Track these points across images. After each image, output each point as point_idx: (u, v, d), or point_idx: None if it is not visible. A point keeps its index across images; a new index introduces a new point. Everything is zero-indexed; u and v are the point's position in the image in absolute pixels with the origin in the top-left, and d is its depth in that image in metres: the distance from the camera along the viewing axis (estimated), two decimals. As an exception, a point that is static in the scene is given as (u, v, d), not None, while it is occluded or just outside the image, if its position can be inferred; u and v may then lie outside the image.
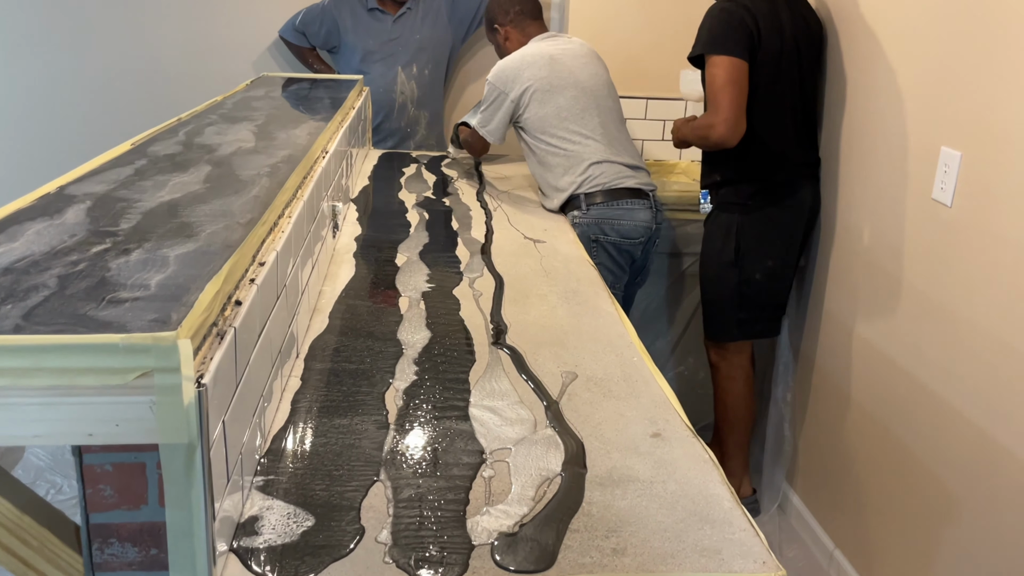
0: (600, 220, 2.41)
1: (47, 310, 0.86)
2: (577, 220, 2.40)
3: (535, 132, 2.49)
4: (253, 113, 2.07)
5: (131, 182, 1.36)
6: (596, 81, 2.54)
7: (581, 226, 2.39)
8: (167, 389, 0.82)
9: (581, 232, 2.37)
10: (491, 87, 2.53)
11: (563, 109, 2.47)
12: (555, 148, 2.47)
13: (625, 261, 2.48)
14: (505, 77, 2.52)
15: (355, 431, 1.23)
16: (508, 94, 2.50)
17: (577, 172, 2.44)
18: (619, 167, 2.45)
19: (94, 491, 0.87)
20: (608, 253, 2.44)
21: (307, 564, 0.96)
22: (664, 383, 1.44)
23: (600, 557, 1.00)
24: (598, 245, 2.41)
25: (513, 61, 2.53)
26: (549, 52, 2.52)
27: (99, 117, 3.29)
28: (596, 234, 2.41)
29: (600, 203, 2.41)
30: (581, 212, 2.41)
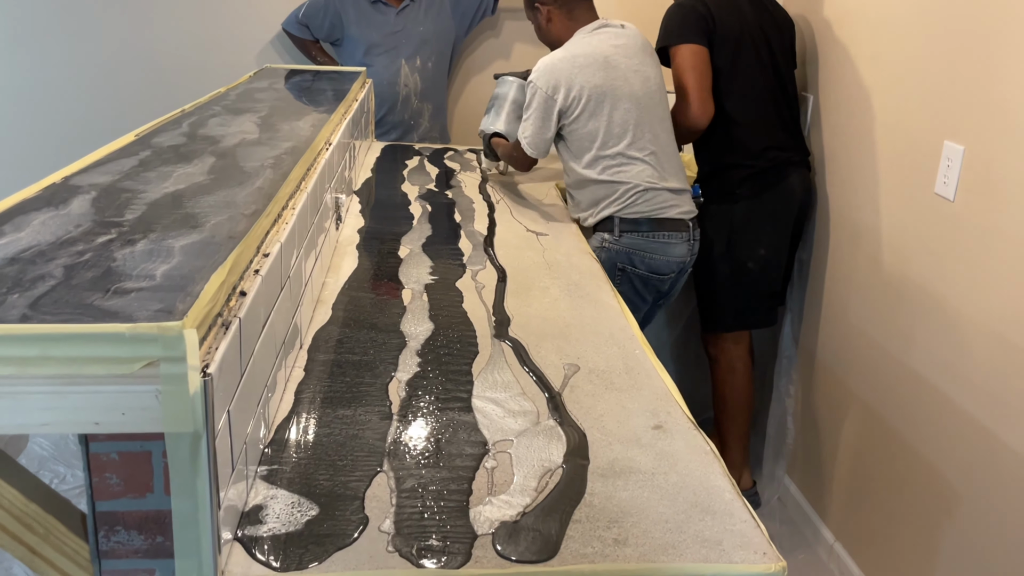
0: (631, 250, 2.21)
1: (53, 300, 0.87)
2: (605, 244, 2.22)
3: (577, 149, 2.23)
4: (256, 105, 2.08)
5: (136, 173, 1.37)
6: (651, 86, 2.25)
7: (608, 251, 2.21)
8: (173, 378, 0.82)
9: (607, 257, 2.20)
10: (535, 90, 2.19)
11: (615, 125, 2.19)
12: (596, 171, 2.21)
13: (650, 293, 2.29)
14: (554, 79, 2.18)
15: (358, 422, 1.24)
16: (556, 99, 2.17)
17: (617, 195, 2.20)
18: (664, 194, 2.21)
19: (100, 479, 0.87)
20: (632, 285, 2.25)
21: (311, 553, 0.97)
22: (666, 375, 1.44)
23: (602, 547, 1.01)
24: (623, 275, 2.24)
25: (563, 61, 2.19)
26: (604, 52, 2.20)
27: (103, 109, 3.29)
28: (624, 263, 2.22)
29: (635, 232, 2.20)
30: (612, 237, 2.21)
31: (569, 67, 2.17)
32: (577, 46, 2.22)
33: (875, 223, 2.19)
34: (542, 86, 2.18)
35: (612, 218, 2.20)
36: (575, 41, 2.23)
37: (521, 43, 3.49)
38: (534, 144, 2.23)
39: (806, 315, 2.57)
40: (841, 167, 2.37)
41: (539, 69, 2.20)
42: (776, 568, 1.00)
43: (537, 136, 2.22)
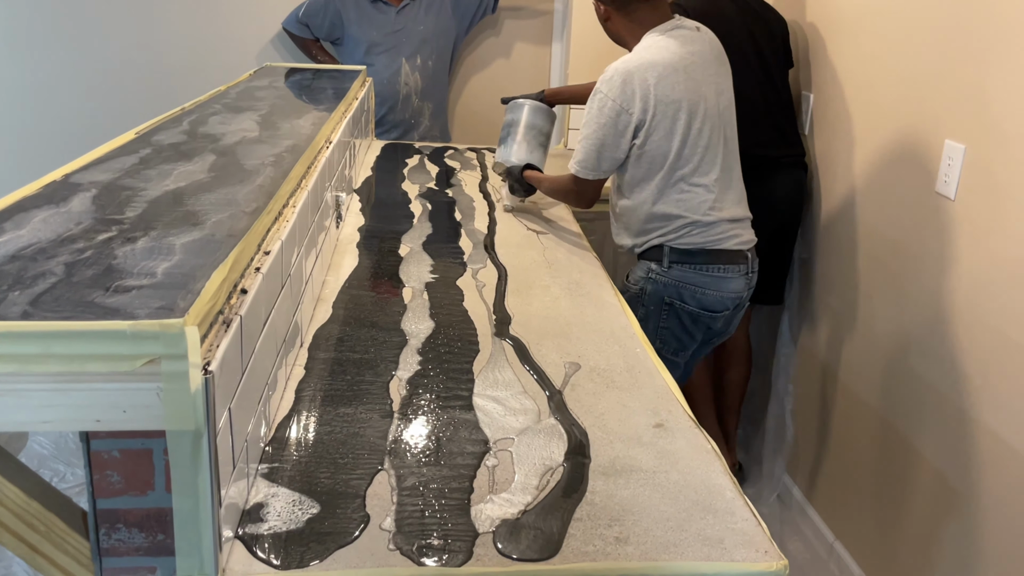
0: (681, 283, 1.97)
1: (54, 297, 0.87)
2: (652, 276, 1.98)
3: (637, 172, 1.95)
4: (257, 103, 2.07)
5: (136, 171, 1.36)
6: (723, 101, 2.00)
7: (655, 283, 1.98)
8: (174, 376, 0.82)
9: (652, 289, 1.98)
10: (604, 102, 1.89)
11: (687, 146, 1.92)
12: (654, 198, 1.96)
13: (699, 331, 2.04)
14: (629, 89, 1.87)
15: (359, 420, 1.24)
16: (632, 113, 1.88)
17: (672, 225, 1.96)
18: (722, 225, 1.97)
19: (101, 477, 0.87)
20: (680, 321, 2.00)
21: (312, 551, 0.97)
22: (667, 374, 1.44)
23: (603, 546, 1.01)
24: (670, 310, 1.99)
25: (639, 69, 1.88)
26: (682, 59, 1.91)
27: (103, 107, 3.29)
28: (672, 298, 1.98)
29: (686, 264, 1.95)
30: (660, 268, 1.97)
31: (646, 76, 1.87)
32: (653, 51, 1.90)
33: (876, 222, 2.19)
34: (615, 97, 1.88)
35: (662, 247, 1.97)
36: (649, 45, 1.93)
37: (522, 42, 3.49)
38: (597, 166, 1.94)
39: (805, 314, 2.57)
40: (842, 166, 2.36)
41: (610, 78, 1.89)
42: (778, 567, 1.00)
43: (603, 156, 1.92)
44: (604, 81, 1.90)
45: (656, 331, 1.99)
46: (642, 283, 2.01)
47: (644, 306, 2.00)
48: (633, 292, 2.02)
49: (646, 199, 1.96)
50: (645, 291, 1.99)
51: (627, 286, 2.05)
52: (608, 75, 1.90)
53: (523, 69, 3.51)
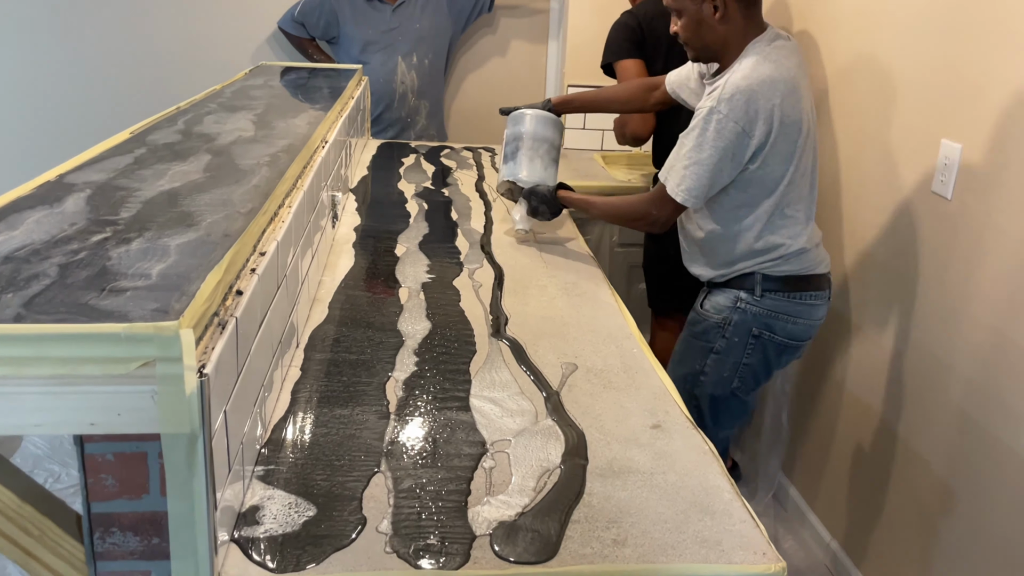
0: (773, 313, 1.84)
1: (48, 299, 0.86)
2: (741, 305, 1.84)
3: (741, 199, 1.78)
4: (252, 102, 2.06)
5: (131, 171, 1.36)
6: (815, 115, 1.87)
7: (744, 313, 1.84)
8: (169, 379, 0.82)
9: (740, 319, 1.84)
10: (723, 122, 1.68)
11: (797, 170, 1.77)
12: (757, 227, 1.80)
13: (779, 364, 1.93)
14: (753, 109, 1.68)
15: (356, 421, 1.23)
16: (753, 135, 1.69)
17: (770, 256, 1.82)
18: (816, 250, 1.87)
19: (96, 480, 0.87)
20: (765, 354, 1.88)
21: (309, 554, 0.96)
22: (664, 374, 1.44)
23: (601, 548, 1.00)
24: (757, 342, 1.86)
25: (762, 85, 1.68)
26: (794, 75, 1.74)
27: (97, 106, 3.28)
28: (761, 329, 1.85)
29: (779, 292, 1.83)
30: (751, 297, 1.84)
31: (771, 95, 1.69)
32: (769, 66, 1.71)
33: (872, 221, 2.19)
34: (738, 118, 1.68)
35: (754, 275, 1.83)
36: (761, 58, 1.72)
37: (518, 40, 3.48)
38: (698, 192, 1.74)
39: (803, 313, 2.57)
40: (837, 166, 2.36)
41: (730, 97, 1.68)
42: (776, 568, 0.99)
43: (709, 180, 1.73)
44: (723, 100, 1.68)
45: (736, 366, 1.87)
46: (727, 312, 1.85)
47: (725, 338, 1.85)
48: (712, 322, 1.87)
49: (748, 227, 1.80)
50: (729, 321, 1.84)
51: (702, 315, 1.91)
52: (728, 93, 1.68)
53: (519, 68, 3.50)
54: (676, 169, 1.76)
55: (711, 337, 1.88)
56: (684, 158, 1.74)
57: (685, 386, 1.90)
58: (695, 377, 1.92)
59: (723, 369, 1.87)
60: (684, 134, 1.76)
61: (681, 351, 1.97)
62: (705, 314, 1.90)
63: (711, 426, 1.94)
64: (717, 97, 1.69)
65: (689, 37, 1.77)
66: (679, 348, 1.98)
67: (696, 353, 1.91)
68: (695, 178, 1.73)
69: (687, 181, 1.74)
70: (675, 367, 1.96)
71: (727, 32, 1.74)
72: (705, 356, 1.89)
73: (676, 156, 1.77)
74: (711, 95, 1.73)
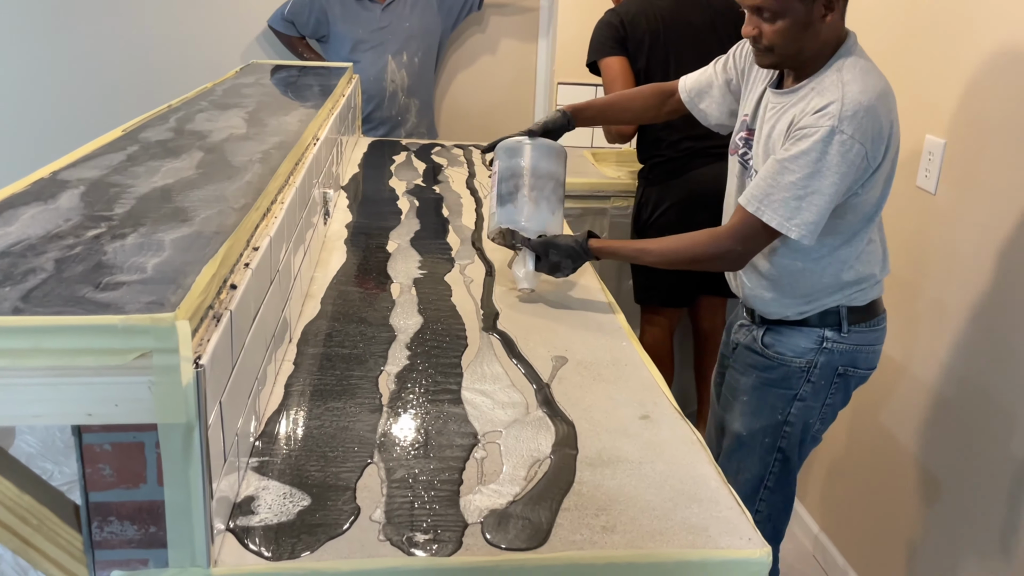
0: (858, 348, 1.66)
1: (45, 292, 0.88)
2: (828, 346, 1.64)
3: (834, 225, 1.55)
4: (244, 100, 2.08)
5: (124, 168, 1.37)
6: None
7: (830, 353, 1.64)
8: (166, 369, 0.83)
9: (825, 361, 1.65)
10: (849, 144, 1.44)
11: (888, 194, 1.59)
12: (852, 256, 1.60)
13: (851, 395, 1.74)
14: (876, 125, 1.46)
15: (349, 414, 1.25)
16: (875, 157, 1.49)
17: (857, 287, 1.63)
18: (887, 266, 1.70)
19: (93, 470, 0.88)
20: (846, 391, 1.70)
21: (303, 542, 0.98)
22: (652, 367, 1.46)
23: (590, 535, 1.02)
24: (842, 380, 1.67)
25: (879, 99, 1.47)
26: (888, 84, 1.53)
27: (87, 104, 3.28)
28: (846, 366, 1.66)
29: (863, 322, 1.65)
30: (838, 335, 1.64)
31: (887, 109, 1.49)
32: (877, 75, 1.52)
33: (858, 216, 2.21)
34: (862, 138, 1.45)
35: (838, 310, 1.63)
36: (869, 65, 1.53)
37: (508, 39, 3.50)
38: (817, 226, 1.49)
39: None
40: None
41: (852, 114, 1.44)
42: (761, 554, 1.02)
43: (826, 212, 1.49)
44: (846, 118, 1.44)
45: (820, 410, 1.69)
46: (811, 355, 1.65)
47: (811, 382, 1.66)
48: (794, 368, 1.66)
49: (839, 259, 1.59)
50: (815, 364, 1.65)
51: (776, 359, 1.68)
52: (849, 109, 1.44)
53: (509, 66, 3.52)
54: (784, 200, 1.48)
55: (793, 383, 1.67)
56: (796, 187, 1.47)
57: (764, 439, 1.71)
58: (777, 428, 1.70)
59: (810, 415, 1.68)
60: (786, 158, 1.48)
61: (754, 403, 1.71)
62: (781, 359, 1.67)
63: (796, 469, 1.76)
64: (836, 115, 1.44)
65: (784, 42, 1.50)
66: (749, 399, 1.72)
67: (776, 402, 1.69)
68: (815, 210, 1.47)
69: (804, 214, 1.47)
70: (749, 420, 1.71)
71: (827, 36, 1.51)
72: (788, 404, 1.68)
73: (777, 182, 1.48)
74: (821, 112, 1.46)
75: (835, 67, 1.51)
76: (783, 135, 1.53)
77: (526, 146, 1.77)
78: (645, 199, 2.60)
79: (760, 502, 1.76)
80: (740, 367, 1.75)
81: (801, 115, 1.50)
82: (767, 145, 1.58)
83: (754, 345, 1.72)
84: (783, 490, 1.75)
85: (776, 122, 1.56)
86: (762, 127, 1.61)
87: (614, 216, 2.84)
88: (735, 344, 1.80)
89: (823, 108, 1.47)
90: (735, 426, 1.74)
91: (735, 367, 1.77)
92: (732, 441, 1.76)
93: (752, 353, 1.72)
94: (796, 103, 1.53)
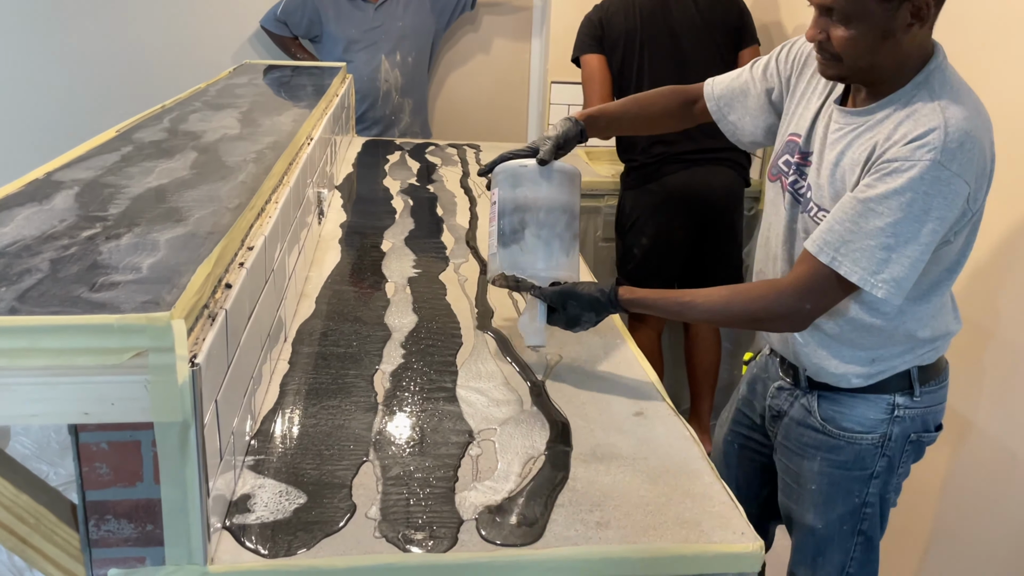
0: (929, 411, 1.43)
1: (41, 293, 0.88)
2: (900, 413, 1.40)
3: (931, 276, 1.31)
4: (237, 100, 2.08)
5: (118, 168, 1.37)
6: None
7: (904, 421, 1.40)
8: (162, 368, 0.84)
9: (899, 432, 1.40)
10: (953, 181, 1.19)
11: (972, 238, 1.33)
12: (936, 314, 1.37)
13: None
14: (979, 161, 1.21)
15: (344, 412, 1.25)
16: (977, 197, 1.24)
17: (929, 339, 1.38)
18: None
19: (90, 469, 0.88)
20: (916, 455, 1.46)
21: (300, 539, 0.99)
22: (646, 364, 1.47)
23: (585, 530, 1.03)
24: (912, 447, 1.44)
25: (978, 125, 1.21)
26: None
27: (79, 105, 3.27)
28: (919, 431, 1.43)
29: (933, 382, 1.42)
30: (911, 399, 1.40)
31: (987, 140, 1.23)
32: (976, 100, 1.25)
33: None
34: (968, 176, 1.20)
35: (909, 372, 1.39)
36: (965, 86, 1.26)
37: (501, 38, 3.51)
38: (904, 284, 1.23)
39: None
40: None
41: (959, 144, 1.19)
42: (754, 548, 1.02)
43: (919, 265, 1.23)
44: (950, 151, 1.18)
45: (895, 481, 1.46)
46: (883, 428, 1.40)
47: (887, 456, 1.42)
48: (866, 445, 1.41)
49: (917, 316, 1.34)
50: (889, 436, 1.40)
51: (842, 437, 1.41)
52: (953, 140, 1.18)
53: (502, 65, 3.53)
54: (868, 250, 1.21)
55: (868, 463, 1.42)
56: (884, 233, 1.20)
57: (843, 527, 1.46)
58: (856, 513, 1.45)
59: (887, 491, 1.45)
60: (871, 197, 1.21)
61: (825, 490, 1.44)
62: (848, 436, 1.41)
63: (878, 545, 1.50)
64: (938, 147, 1.18)
65: (856, 52, 1.23)
66: (819, 488, 1.45)
67: (851, 487, 1.43)
68: (908, 263, 1.21)
69: (893, 267, 1.21)
70: (824, 511, 1.46)
71: (911, 50, 1.24)
72: (865, 485, 1.43)
73: (859, 227, 1.22)
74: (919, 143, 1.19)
75: (925, 86, 1.24)
76: (859, 165, 1.25)
77: (534, 172, 1.43)
78: (623, 203, 2.62)
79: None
80: (797, 447, 1.46)
81: (887, 143, 1.22)
82: (834, 176, 1.29)
83: (809, 420, 1.44)
84: (867, 569, 1.50)
85: (846, 148, 1.28)
86: (824, 152, 1.32)
87: (607, 215, 2.84)
88: (776, 412, 1.50)
89: (920, 137, 1.19)
90: (808, 519, 1.47)
91: (789, 446, 1.48)
92: (806, 535, 1.49)
93: (810, 431, 1.44)
94: (875, 126, 1.25)
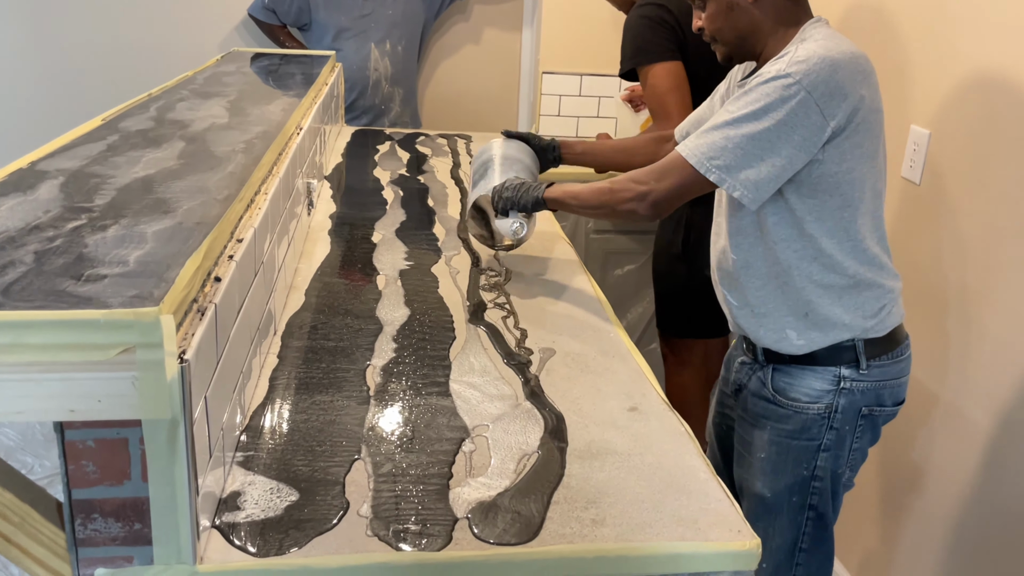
0: (882, 384, 1.45)
1: (25, 286, 0.86)
2: (846, 386, 1.44)
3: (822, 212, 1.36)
4: (225, 89, 2.05)
5: (104, 158, 1.34)
6: None
7: (850, 394, 1.44)
8: (150, 364, 0.82)
9: (847, 403, 1.44)
10: (793, 89, 1.28)
11: (880, 179, 1.40)
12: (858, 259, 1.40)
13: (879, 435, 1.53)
14: (833, 80, 1.29)
15: (336, 408, 1.24)
16: (834, 115, 1.29)
17: (875, 308, 1.43)
18: (899, 285, 1.48)
19: (76, 467, 0.86)
20: (874, 432, 1.50)
21: (291, 538, 0.97)
22: (640, 358, 1.46)
23: (580, 528, 1.02)
24: (866, 422, 1.47)
25: (843, 56, 1.30)
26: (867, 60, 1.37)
27: (63, 93, 3.23)
28: (871, 404, 1.46)
29: (884, 355, 1.45)
30: (857, 373, 1.43)
31: (852, 68, 1.31)
32: (846, 43, 1.34)
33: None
34: (812, 87, 1.28)
35: (853, 344, 1.43)
36: (829, 35, 1.37)
37: (491, 28, 3.48)
38: (761, 186, 1.31)
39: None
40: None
41: (805, 58, 1.29)
42: (750, 545, 1.02)
43: (765, 161, 1.29)
44: (795, 62, 1.29)
45: (848, 456, 1.49)
46: (828, 398, 1.44)
47: (834, 428, 1.45)
48: (811, 415, 1.45)
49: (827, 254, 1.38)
50: (835, 409, 1.44)
51: (789, 406, 1.46)
52: (801, 56, 1.29)
53: (493, 55, 3.50)
54: (710, 140, 1.32)
55: (815, 433, 1.45)
56: (727, 126, 1.31)
57: (792, 498, 1.49)
58: (805, 485, 1.48)
59: (838, 465, 1.47)
60: (724, 107, 1.36)
61: (773, 459, 1.49)
62: (795, 405, 1.46)
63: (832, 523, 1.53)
64: (786, 62, 1.30)
65: (717, 28, 1.42)
66: (767, 456, 1.50)
67: (798, 456, 1.47)
68: (741, 154, 1.29)
69: (728, 156, 1.30)
70: (772, 480, 1.50)
71: (765, 18, 1.39)
72: (812, 457, 1.46)
73: (713, 127, 1.34)
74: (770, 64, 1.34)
75: (797, 42, 1.37)
76: None
77: (493, 143, 1.89)
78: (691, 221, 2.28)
79: (797, 567, 1.53)
80: (751, 418, 1.52)
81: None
82: None
83: (763, 391, 1.50)
84: (821, 548, 1.52)
85: None
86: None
87: None
88: (738, 385, 1.58)
89: (773, 65, 1.33)
90: (756, 487, 1.51)
91: (745, 418, 1.54)
92: (755, 504, 1.52)
93: (762, 401, 1.50)
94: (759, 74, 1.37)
